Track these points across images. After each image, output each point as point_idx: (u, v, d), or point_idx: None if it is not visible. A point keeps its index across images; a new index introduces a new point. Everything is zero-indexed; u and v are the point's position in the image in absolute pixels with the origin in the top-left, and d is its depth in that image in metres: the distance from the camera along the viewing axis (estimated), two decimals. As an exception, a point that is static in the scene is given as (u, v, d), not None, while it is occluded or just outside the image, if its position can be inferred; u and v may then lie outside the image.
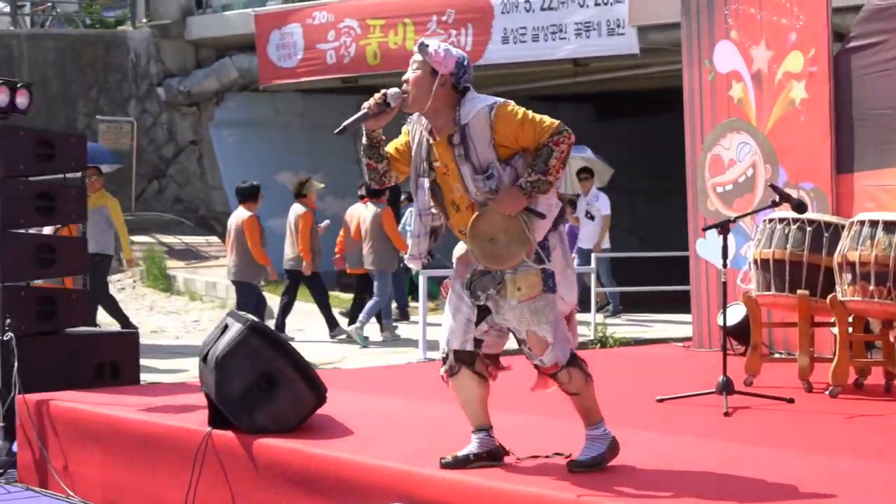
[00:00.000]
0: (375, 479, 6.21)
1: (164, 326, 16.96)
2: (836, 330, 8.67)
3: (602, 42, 19.36)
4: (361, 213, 16.01)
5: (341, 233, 16.36)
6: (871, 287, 8.25)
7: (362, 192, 16.34)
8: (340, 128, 5.88)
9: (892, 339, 8.67)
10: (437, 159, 5.93)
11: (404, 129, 6.11)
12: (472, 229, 5.83)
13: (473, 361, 6.06)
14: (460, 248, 6.12)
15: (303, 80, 22.96)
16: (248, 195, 15.00)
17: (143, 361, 9.99)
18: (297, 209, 15.60)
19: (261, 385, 7.16)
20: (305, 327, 16.57)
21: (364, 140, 5.96)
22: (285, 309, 15.68)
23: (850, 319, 8.67)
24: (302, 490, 6.61)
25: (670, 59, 17.77)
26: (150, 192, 24.44)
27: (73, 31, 25.48)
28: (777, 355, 10.33)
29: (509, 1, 20.10)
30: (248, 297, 14.69)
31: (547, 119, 5.81)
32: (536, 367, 6.00)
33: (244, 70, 23.86)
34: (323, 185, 16.84)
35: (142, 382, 9.98)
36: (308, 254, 15.27)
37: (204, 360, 7.43)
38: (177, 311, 18.51)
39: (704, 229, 9.68)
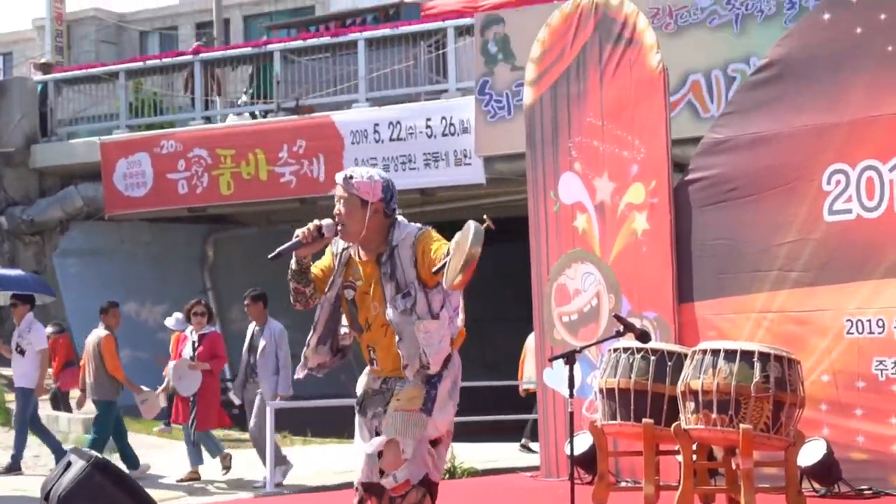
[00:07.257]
0: None
1: (2, 462, 16.49)
2: (680, 458, 8.79)
3: (449, 172, 19.60)
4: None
5: None
6: (714, 415, 8.39)
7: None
8: (275, 253, 6.02)
9: (734, 467, 8.80)
10: (360, 278, 6.11)
11: (328, 249, 6.24)
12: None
13: (381, 494, 6.07)
14: (362, 380, 6.26)
15: (152, 209, 22.81)
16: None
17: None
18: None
19: (104, 523, 7.03)
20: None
21: (294, 266, 6.11)
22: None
23: (694, 447, 8.80)
24: None
25: (516, 188, 18.00)
26: (-12, 323, 23.88)
27: (-87, 158, 25.02)
28: (624, 484, 10.41)
29: (359, 131, 20.27)
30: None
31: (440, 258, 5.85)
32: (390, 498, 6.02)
33: (89, 198, 23.61)
34: None
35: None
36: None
37: (46, 498, 7.26)
38: (17, 446, 18.00)
39: (551, 359, 9.76)
